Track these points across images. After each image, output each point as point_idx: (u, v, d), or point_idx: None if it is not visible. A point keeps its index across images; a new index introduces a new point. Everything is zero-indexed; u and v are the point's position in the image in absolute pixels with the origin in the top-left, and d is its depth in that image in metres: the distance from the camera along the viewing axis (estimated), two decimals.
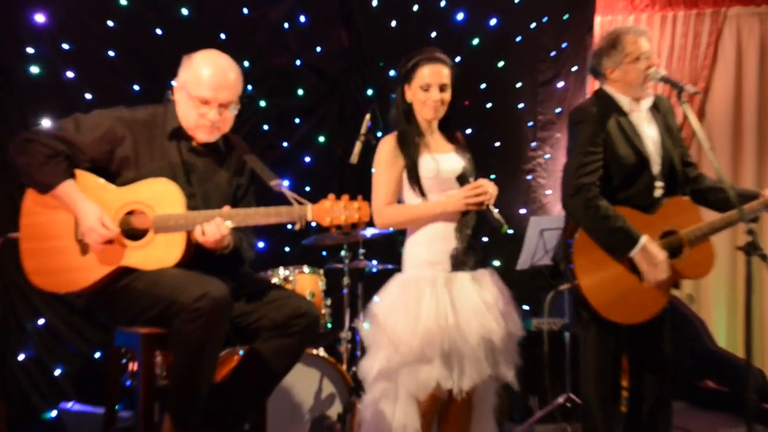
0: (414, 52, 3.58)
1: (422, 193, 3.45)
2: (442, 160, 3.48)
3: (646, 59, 3.60)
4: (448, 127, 3.62)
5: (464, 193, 3.41)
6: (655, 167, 3.61)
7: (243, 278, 3.34)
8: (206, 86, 3.19)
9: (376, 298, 3.56)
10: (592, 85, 6.73)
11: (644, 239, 3.46)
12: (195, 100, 3.20)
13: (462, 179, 3.47)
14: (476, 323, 3.33)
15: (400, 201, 3.56)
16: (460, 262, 3.44)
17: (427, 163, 3.45)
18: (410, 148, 3.47)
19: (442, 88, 3.49)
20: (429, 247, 3.46)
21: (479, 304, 3.37)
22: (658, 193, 3.62)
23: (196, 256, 3.16)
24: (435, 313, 3.33)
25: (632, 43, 3.61)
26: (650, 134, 3.66)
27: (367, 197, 3.37)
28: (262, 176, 3.31)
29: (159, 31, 5.66)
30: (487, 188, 3.42)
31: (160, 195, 3.14)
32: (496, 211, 3.42)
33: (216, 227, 3.06)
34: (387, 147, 3.51)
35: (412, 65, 3.52)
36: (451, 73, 3.53)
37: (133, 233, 3.15)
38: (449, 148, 3.57)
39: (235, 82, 3.27)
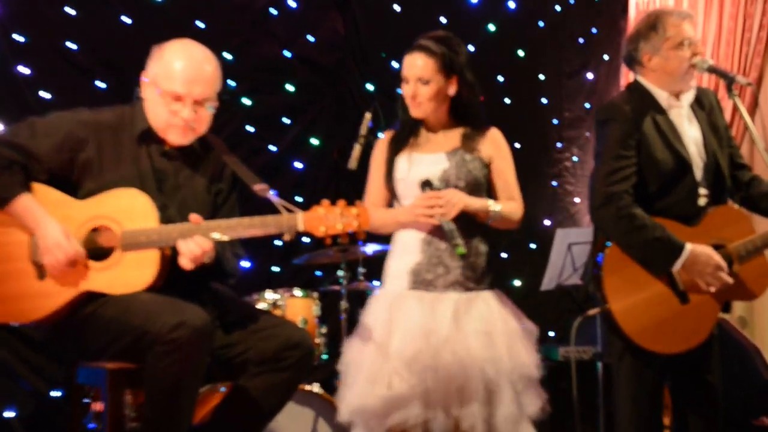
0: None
1: (395, 196, 3.56)
2: (418, 161, 3.51)
3: (690, 46, 3.60)
4: (468, 124, 3.62)
5: (416, 202, 3.44)
6: (698, 172, 3.61)
7: (226, 304, 3.34)
8: (179, 80, 3.19)
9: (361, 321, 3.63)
10: (626, 76, 6.74)
11: (690, 246, 3.46)
12: (166, 96, 3.20)
13: (425, 185, 3.47)
14: (454, 354, 3.32)
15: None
16: (421, 280, 3.45)
17: (401, 164, 3.55)
18: (393, 147, 3.53)
19: (419, 82, 3.50)
20: (394, 260, 3.57)
21: (418, 331, 3.36)
22: (702, 201, 3.61)
23: (170, 274, 3.16)
24: (409, 335, 3.36)
25: (675, 27, 3.61)
26: (692, 134, 3.66)
27: None
28: (244, 180, 3.31)
29: (127, 20, 5.67)
30: (446, 200, 3.39)
31: (128, 207, 3.14)
32: (453, 227, 3.38)
33: (196, 244, 3.06)
34: (378, 147, 3.64)
35: (407, 52, 3.57)
36: (442, 64, 3.50)
37: (99, 253, 3.15)
38: (445, 148, 3.57)
39: (213, 76, 3.28)
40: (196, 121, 3.25)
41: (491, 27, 6.70)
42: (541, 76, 6.86)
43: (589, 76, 6.92)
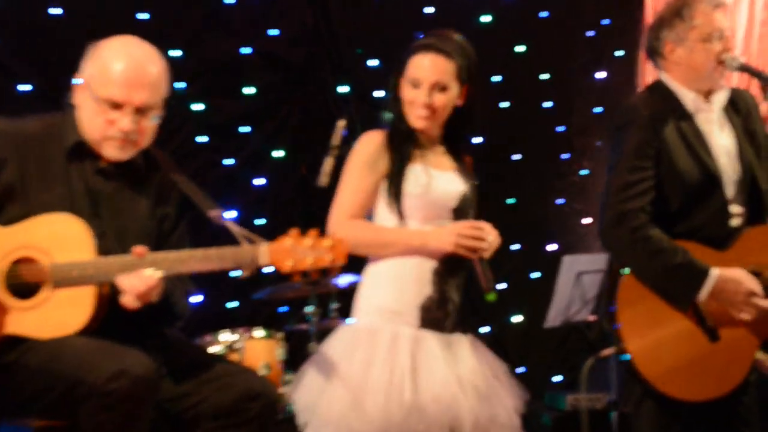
0: (424, 36, 3.60)
1: (400, 214, 3.46)
2: (437, 176, 3.51)
3: (720, 39, 3.63)
4: (458, 144, 3.65)
5: (458, 229, 3.40)
6: (730, 187, 3.63)
7: (174, 348, 3.32)
8: (117, 84, 3.19)
9: (313, 359, 3.55)
10: (644, 76, 6.79)
11: (717, 270, 3.47)
12: (102, 103, 3.20)
13: (460, 212, 3.48)
14: (443, 406, 3.31)
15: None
16: (432, 318, 3.46)
17: (417, 175, 3.46)
18: (400, 151, 3.49)
19: (435, 88, 3.48)
20: (394, 290, 3.46)
21: (450, 380, 3.35)
22: (735, 221, 3.63)
23: (108, 316, 3.15)
24: (387, 384, 3.32)
25: (704, 15, 3.64)
26: (723, 142, 3.68)
27: None
28: (196, 204, 3.30)
29: (56, 11, 5.66)
30: (489, 235, 3.42)
31: (59, 236, 3.13)
32: (488, 269, 3.38)
33: (140, 280, 3.05)
34: (370, 143, 3.52)
35: (408, 51, 3.55)
36: (460, 68, 3.52)
37: (23, 289, 3.14)
38: (450, 166, 3.60)
39: (158, 80, 3.27)
40: (138, 132, 3.24)
41: (486, 18, 6.73)
42: (545, 76, 6.90)
43: (601, 75, 6.96)
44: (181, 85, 5.81)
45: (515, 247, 6.75)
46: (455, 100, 3.53)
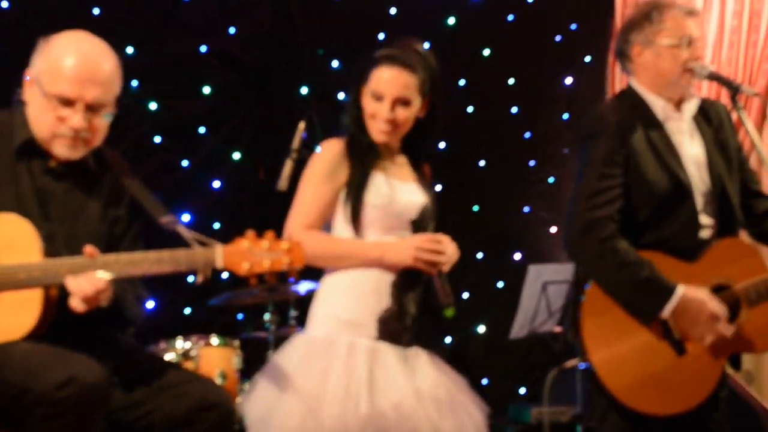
0: (386, 46, 3.59)
1: (358, 225, 3.45)
2: (399, 187, 3.50)
3: (688, 46, 3.64)
4: (417, 154, 3.65)
5: (417, 242, 3.40)
6: (699, 198, 3.63)
7: (125, 355, 3.28)
8: (68, 80, 3.16)
9: (264, 370, 3.53)
10: (612, 82, 6.82)
11: (682, 289, 3.47)
12: (52, 99, 3.17)
13: (419, 224, 3.47)
14: (400, 417, 3.30)
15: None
16: (390, 330, 3.45)
17: (379, 186, 3.46)
18: (361, 160, 3.48)
19: (398, 103, 3.47)
20: (351, 301, 3.45)
21: (407, 392, 3.34)
22: (704, 233, 3.63)
23: (56, 320, 3.11)
24: (343, 395, 3.30)
25: (674, 20, 3.64)
26: (693, 152, 3.68)
27: None
28: (147, 210, 3.27)
29: (4, 4, 5.61)
30: (448, 248, 3.42)
31: (4, 237, 3.08)
32: (447, 283, 3.38)
33: (88, 283, 3.02)
34: (330, 152, 3.51)
35: (371, 62, 3.53)
36: (423, 82, 3.50)
37: None
38: (411, 177, 3.59)
39: (110, 77, 3.25)
40: (89, 130, 3.21)
41: (451, 20, 6.75)
42: (511, 81, 6.92)
43: (568, 81, 6.99)
44: (134, 83, 5.78)
45: (479, 255, 6.76)
46: (417, 113, 3.53)
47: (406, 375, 3.38)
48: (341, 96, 6.07)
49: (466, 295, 6.69)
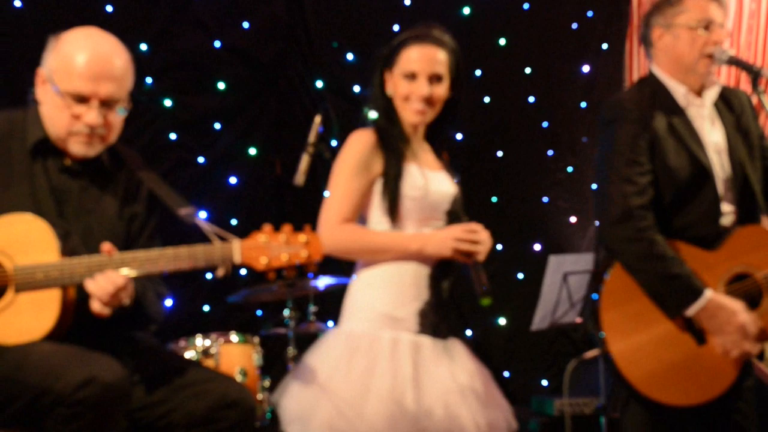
0: (408, 30, 3.58)
1: (396, 217, 3.44)
2: (432, 177, 3.49)
3: (707, 29, 3.62)
4: (439, 139, 3.64)
5: (455, 233, 3.39)
6: (720, 184, 3.63)
7: (146, 354, 3.29)
8: (82, 76, 3.16)
9: (301, 364, 3.50)
10: (630, 70, 6.80)
11: (710, 294, 3.46)
12: (67, 97, 3.17)
13: (453, 214, 3.47)
14: (446, 413, 3.31)
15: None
16: (430, 323, 3.44)
17: (414, 176, 3.44)
18: (395, 150, 3.46)
19: (433, 79, 3.48)
20: (390, 296, 3.44)
21: (451, 386, 3.35)
22: (725, 220, 3.62)
23: (77, 320, 3.12)
24: (389, 391, 3.29)
25: (695, 3, 3.64)
26: (713, 139, 3.68)
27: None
28: (166, 202, 3.27)
29: (18, 3, 5.62)
30: (484, 237, 3.43)
31: (21, 237, 3.09)
32: (483, 272, 3.37)
33: (107, 281, 3.02)
34: (362, 143, 3.48)
35: (397, 45, 3.53)
36: (452, 61, 3.52)
37: None
38: (438, 165, 3.58)
39: (124, 72, 3.25)
40: (105, 126, 3.22)
41: (466, 10, 6.73)
42: (528, 70, 6.90)
43: (585, 69, 6.96)
44: (149, 80, 5.78)
45: (498, 247, 6.75)
46: (446, 94, 3.54)
47: (448, 368, 3.38)
48: (356, 89, 6.07)
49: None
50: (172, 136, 5.99)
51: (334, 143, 5.32)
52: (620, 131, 3.60)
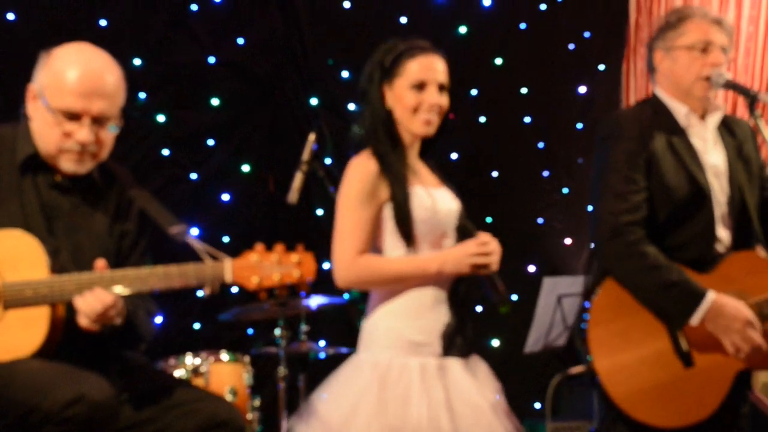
0: (394, 41, 3.57)
1: (410, 242, 3.39)
2: (437, 196, 3.46)
3: (705, 51, 3.63)
4: (429, 152, 3.62)
5: (471, 248, 3.36)
6: (718, 208, 3.62)
7: (134, 372, 3.28)
8: (73, 93, 3.16)
9: (321, 394, 3.50)
10: (627, 91, 6.82)
11: (713, 294, 3.45)
12: (58, 114, 3.16)
13: (463, 230, 3.44)
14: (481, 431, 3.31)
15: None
16: (454, 345, 3.41)
17: (421, 198, 3.40)
18: (398, 175, 3.44)
19: (441, 89, 3.47)
20: (414, 321, 3.39)
21: (481, 404, 3.33)
22: (720, 246, 3.61)
23: (67, 338, 3.11)
24: (427, 419, 3.25)
25: (694, 24, 3.66)
26: (714, 161, 3.68)
27: (311, 247, 3.34)
28: (156, 220, 3.26)
29: (10, 16, 5.62)
30: (494, 246, 3.40)
31: (10, 253, 3.08)
32: (499, 280, 3.39)
33: (95, 299, 3.01)
34: (364, 171, 3.41)
35: (397, 56, 3.51)
36: (448, 72, 3.52)
37: None
38: (437, 182, 3.55)
39: (116, 89, 3.24)
40: (96, 144, 3.21)
41: (462, 29, 6.74)
42: (524, 90, 6.91)
43: (582, 90, 6.97)
44: (142, 95, 5.78)
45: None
46: None
47: (477, 387, 3.35)
48: (351, 107, 6.06)
49: (479, 308, 6.67)
50: (165, 152, 5.99)
51: (327, 161, 5.32)
52: (616, 148, 3.61)
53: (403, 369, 3.34)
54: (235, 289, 5.40)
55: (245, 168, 6.20)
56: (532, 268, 6.79)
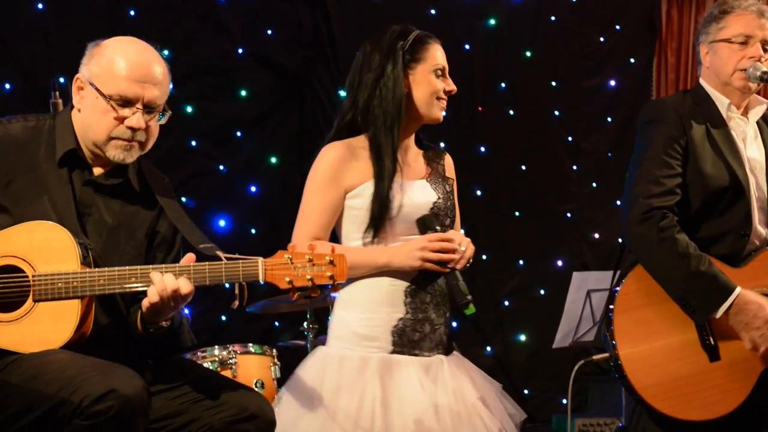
0: (397, 26, 3.54)
1: (375, 234, 3.41)
2: (409, 189, 3.45)
3: (744, 45, 3.61)
4: (428, 146, 3.62)
5: (423, 243, 3.35)
6: (756, 202, 3.60)
7: (164, 364, 3.27)
8: (127, 79, 3.17)
9: (291, 378, 3.52)
10: (657, 84, 6.78)
11: (739, 289, 3.42)
12: (111, 101, 3.17)
13: (425, 223, 3.42)
14: None
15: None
16: (406, 341, 3.41)
17: (392, 192, 3.41)
18: (387, 168, 3.41)
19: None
20: (365, 314, 3.43)
21: (424, 407, 3.31)
22: (754, 241, 3.58)
23: (94, 331, 3.11)
24: (356, 412, 3.29)
25: (736, 17, 3.65)
26: (753, 155, 3.66)
27: (336, 238, 3.34)
28: (185, 236, 3.26)
29: (40, 6, 5.63)
30: (458, 245, 3.37)
31: (42, 245, 3.07)
32: (461, 281, 3.34)
33: (172, 281, 3.01)
34: (330, 157, 3.45)
35: (415, 41, 3.50)
36: None
37: (3, 301, 3.09)
38: (422, 173, 3.54)
39: (165, 77, 3.25)
40: (145, 132, 3.22)
41: (492, 21, 6.72)
42: (553, 83, 6.88)
43: (611, 83, 6.94)
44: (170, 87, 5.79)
45: (521, 262, 6.73)
46: None
47: (425, 387, 3.35)
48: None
49: (507, 303, 6.66)
50: (193, 143, 5.99)
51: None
52: (656, 133, 3.59)
53: (342, 360, 3.38)
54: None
55: (273, 160, 6.20)
56: (560, 263, 6.77)
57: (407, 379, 3.34)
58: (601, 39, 6.94)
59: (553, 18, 6.88)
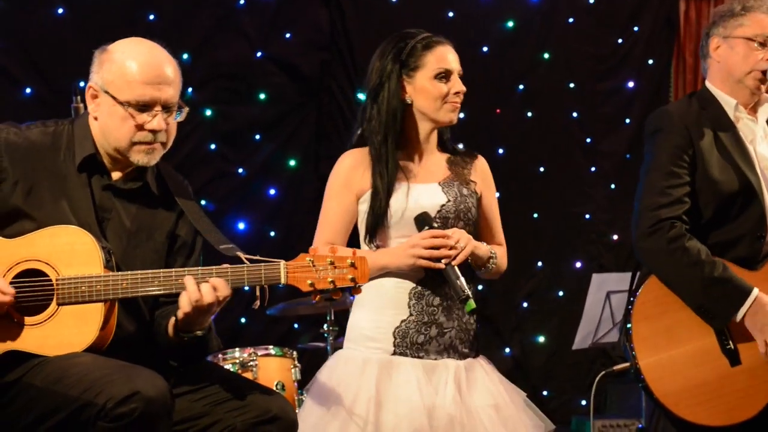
0: (399, 34, 3.57)
1: (371, 237, 3.46)
2: (415, 192, 3.47)
3: (764, 46, 3.60)
4: (455, 149, 3.63)
5: (414, 241, 3.37)
6: None
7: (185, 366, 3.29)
8: (142, 83, 3.15)
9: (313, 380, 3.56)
10: (675, 86, 6.76)
11: (756, 290, 3.41)
12: (129, 107, 3.17)
13: (419, 221, 3.42)
14: None
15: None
16: (409, 343, 3.43)
17: (397, 196, 3.45)
18: (388, 175, 3.44)
19: (459, 78, 3.53)
20: (370, 315, 3.48)
21: (418, 409, 3.32)
22: None
23: (117, 335, 3.13)
24: (348, 411, 3.33)
25: (756, 16, 3.63)
26: (764, 153, 3.64)
27: (356, 241, 3.35)
28: (205, 238, 3.27)
29: (60, 10, 5.65)
30: (455, 241, 3.36)
31: (66, 248, 3.08)
32: (461, 276, 3.32)
33: (210, 289, 3.03)
34: (340, 165, 3.53)
35: (412, 48, 3.52)
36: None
37: (28, 304, 3.10)
38: (437, 176, 3.54)
39: (177, 75, 3.23)
40: (165, 132, 3.23)
41: (509, 24, 6.71)
42: (571, 85, 6.87)
43: (630, 84, 6.93)
44: (188, 90, 5.79)
45: (539, 263, 6.72)
46: None
47: (423, 390, 3.36)
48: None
49: (525, 304, 6.65)
50: (212, 146, 6.00)
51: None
52: (661, 143, 3.58)
53: (347, 360, 3.45)
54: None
55: (292, 163, 6.21)
56: (578, 264, 6.76)
57: (405, 380, 3.37)
58: (619, 41, 6.92)
59: (570, 20, 6.87)
